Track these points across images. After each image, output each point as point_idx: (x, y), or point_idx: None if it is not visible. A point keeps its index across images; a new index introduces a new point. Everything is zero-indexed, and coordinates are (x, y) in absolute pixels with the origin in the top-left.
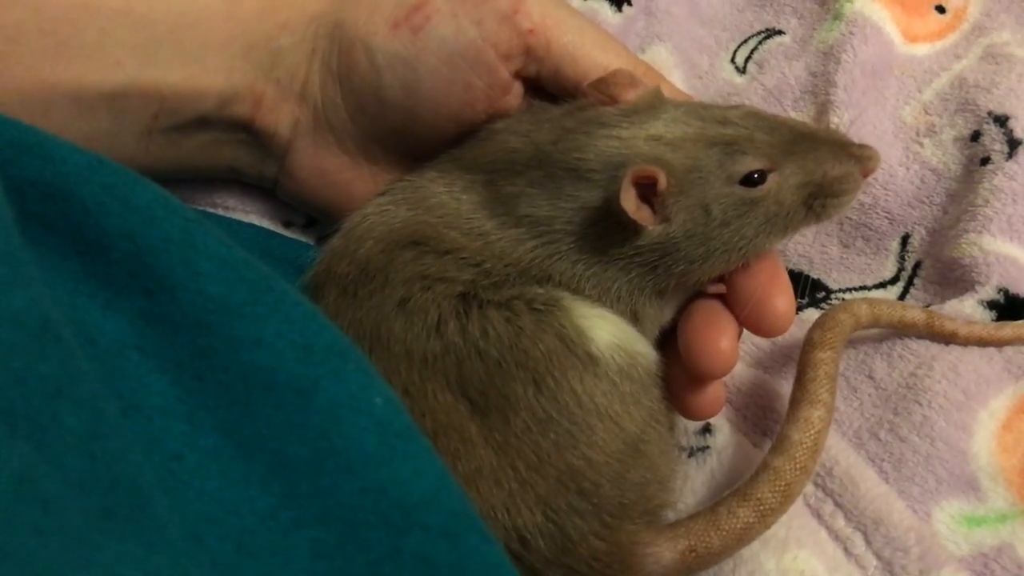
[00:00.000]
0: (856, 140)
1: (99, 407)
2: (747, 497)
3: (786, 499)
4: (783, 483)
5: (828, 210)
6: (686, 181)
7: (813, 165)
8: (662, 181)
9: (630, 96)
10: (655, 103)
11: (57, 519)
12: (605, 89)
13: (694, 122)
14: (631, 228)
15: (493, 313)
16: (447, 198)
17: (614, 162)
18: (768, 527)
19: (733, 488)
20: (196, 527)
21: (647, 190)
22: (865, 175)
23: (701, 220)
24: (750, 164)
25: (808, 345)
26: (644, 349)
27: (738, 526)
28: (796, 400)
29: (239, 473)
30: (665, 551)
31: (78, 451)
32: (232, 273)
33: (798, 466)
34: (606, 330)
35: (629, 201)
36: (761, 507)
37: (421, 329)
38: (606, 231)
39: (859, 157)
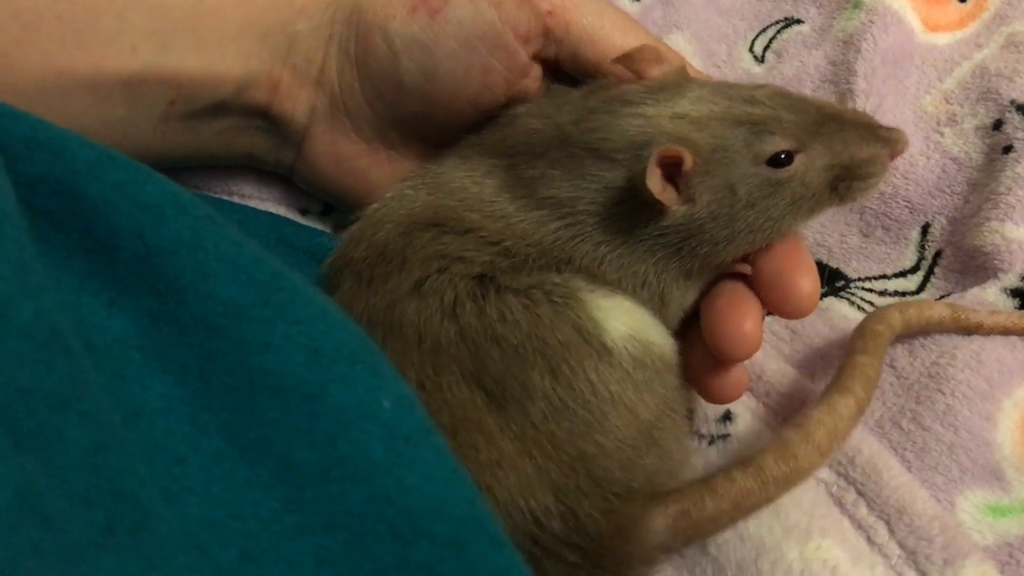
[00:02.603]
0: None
1: (104, 418)
2: (747, 463)
3: (793, 472)
4: (790, 453)
5: (854, 193)
6: (712, 161)
7: (840, 147)
8: (688, 161)
9: (655, 73)
10: (680, 81)
11: (57, 536)
12: (630, 64)
13: (721, 101)
14: (655, 209)
15: (511, 299)
16: (468, 182)
17: (638, 141)
18: (771, 498)
19: None
20: (199, 533)
21: (672, 170)
22: (893, 157)
23: (727, 201)
24: (778, 144)
25: (850, 352)
26: (659, 339)
27: (733, 490)
28: (827, 390)
29: (243, 477)
30: (657, 517)
31: (82, 465)
32: (242, 275)
33: (811, 442)
34: (621, 320)
35: (654, 181)
36: (761, 474)
37: (435, 311)
38: (630, 212)
39: (887, 139)
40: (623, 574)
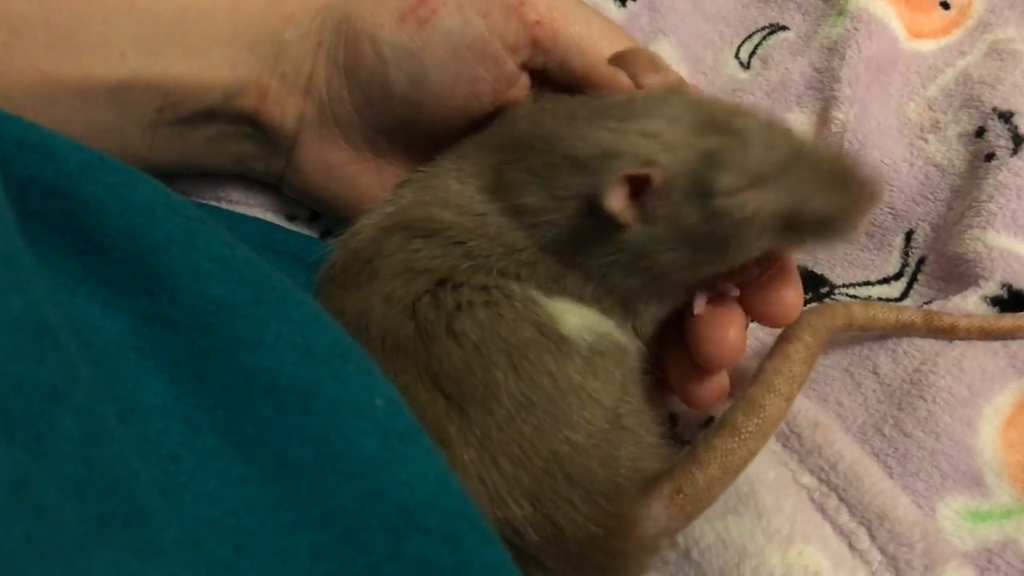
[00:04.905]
0: (860, 138)
1: (97, 412)
2: (721, 425)
3: (765, 422)
4: (756, 405)
5: (809, 243)
6: (672, 186)
7: (801, 194)
8: (656, 180)
9: (649, 80)
10: (667, 96)
11: (51, 526)
12: (624, 65)
13: (695, 123)
14: (615, 226)
15: (469, 292)
16: (453, 181)
17: (607, 155)
18: (751, 452)
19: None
20: (194, 529)
21: (639, 188)
22: (859, 214)
23: (678, 227)
24: (727, 180)
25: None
26: (613, 330)
27: (717, 454)
28: (776, 342)
29: (238, 474)
30: (653, 503)
31: (74, 457)
32: (234, 274)
33: (772, 391)
34: (577, 315)
35: (616, 198)
36: (736, 432)
37: (398, 311)
38: (593, 226)
39: (856, 195)
40: (622, 569)
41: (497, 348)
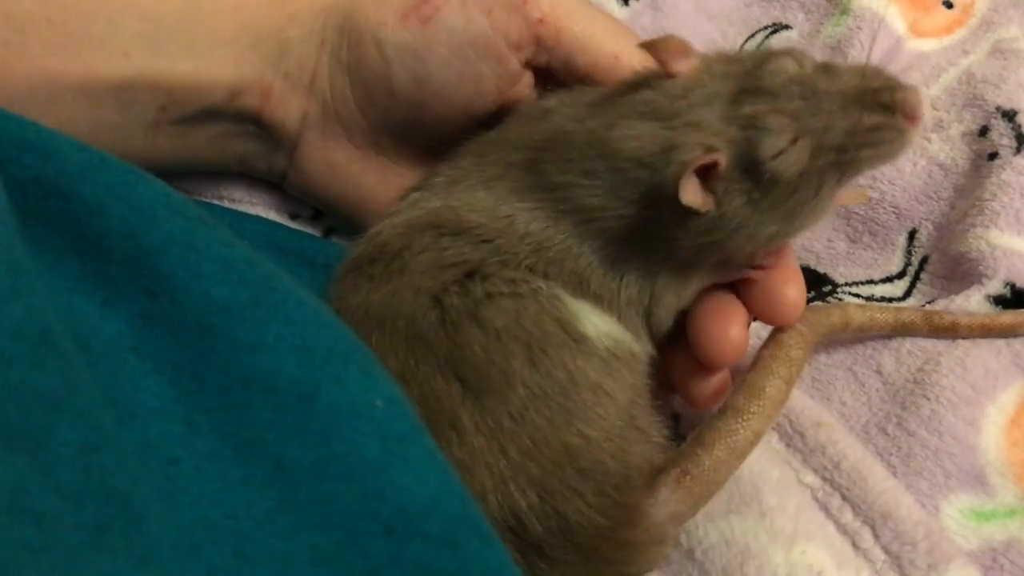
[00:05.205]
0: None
1: (96, 418)
2: (724, 409)
3: (767, 403)
4: (757, 388)
5: (871, 166)
6: (732, 164)
7: (832, 125)
8: (722, 165)
9: (681, 66)
10: (699, 77)
11: (49, 535)
12: (655, 52)
13: (729, 94)
14: (686, 213)
15: (499, 283)
16: (478, 183)
17: (669, 149)
18: (755, 434)
19: None
20: (193, 532)
21: (705, 174)
22: (910, 121)
23: (746, 202)
24: (772, 143)
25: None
26: (628, 339)
27: (721, 436)
28: (770, 335)
29: (237, 476)
30: (660, 488)
31: (74, 464)
32: (234, 275)
33: (771, 373)
34: (598, 319)
35: (690, 189)
36: (739, 414)
37: (424, 301)
38: (663, 220)
39: (889, 103)
40: (631, 560)
41: (517, 338)
